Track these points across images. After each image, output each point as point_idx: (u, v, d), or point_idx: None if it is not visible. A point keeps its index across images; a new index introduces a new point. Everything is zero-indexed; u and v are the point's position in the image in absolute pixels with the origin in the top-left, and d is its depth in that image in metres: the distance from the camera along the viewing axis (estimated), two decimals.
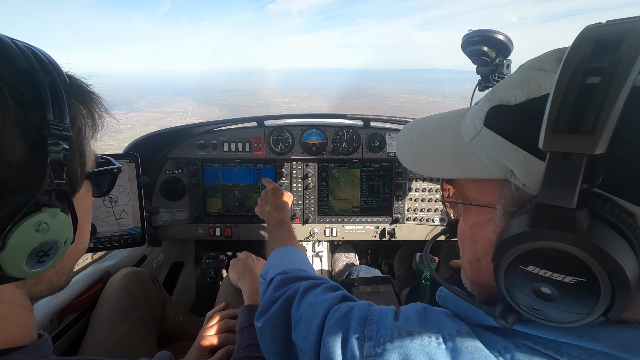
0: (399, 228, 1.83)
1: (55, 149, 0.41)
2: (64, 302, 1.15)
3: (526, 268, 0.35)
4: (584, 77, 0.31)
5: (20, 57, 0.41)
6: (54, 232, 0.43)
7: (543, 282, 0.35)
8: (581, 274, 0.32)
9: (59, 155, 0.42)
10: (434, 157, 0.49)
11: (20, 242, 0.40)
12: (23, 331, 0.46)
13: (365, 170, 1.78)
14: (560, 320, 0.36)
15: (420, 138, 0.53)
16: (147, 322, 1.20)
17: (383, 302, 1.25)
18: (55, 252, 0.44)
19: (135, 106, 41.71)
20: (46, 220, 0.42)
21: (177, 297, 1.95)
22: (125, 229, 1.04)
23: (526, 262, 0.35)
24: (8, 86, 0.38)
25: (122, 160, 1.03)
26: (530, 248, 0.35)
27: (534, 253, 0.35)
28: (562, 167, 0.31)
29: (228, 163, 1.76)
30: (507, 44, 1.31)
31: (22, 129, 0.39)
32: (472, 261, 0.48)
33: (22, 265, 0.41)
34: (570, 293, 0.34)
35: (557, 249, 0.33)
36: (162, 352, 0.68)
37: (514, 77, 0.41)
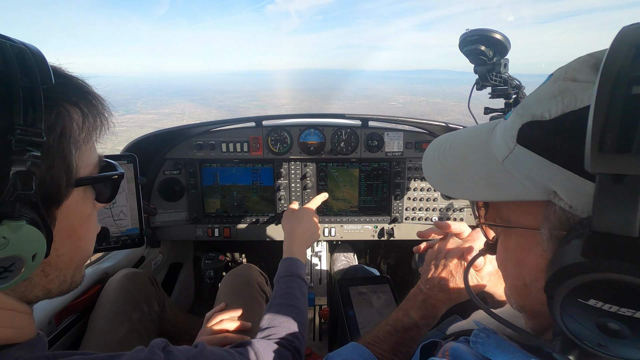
0: (397, 228, 1.83)
1: (22, 156, 0.38)
2: (62, 304, 1.15)
3: (587, 302, 0.32)
4: (627, 88, 0.28)
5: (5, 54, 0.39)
6: (15, 246, 0.39)
7: (609, 317, 0.31)
8: None
9: (25, 162, 0.38)
10: (467, 179, 0.46)
11: None
12: (16, 332, 0.46)
13: (364, 170, 1.78)
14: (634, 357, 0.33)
15: (448, 158, 0.50)
16: (146, 324, 1.20)
17: (381, 301, 1.25)
18: (19, 268, 0.41)
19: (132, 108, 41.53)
20: (4, 234, 0.38)
21: (176, 298, 1.95)
22: (124, 230, 1.04)
23: (586, 295, 0.32)
24: None
25: (120, 161, 1.02)
26: (587, 280, 0.31)
27: (594, 285, 0.31)
28: (617, 190, 0.28)
29: (226, 163, 1.76)
30: (504, 43, 1.31)
31: None
32: (519, 287, 0.45)
33: None
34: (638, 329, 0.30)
35: (620, 281, 0.29)
36: (156, 339, 0.67)
37: (545, 89, 0.38)
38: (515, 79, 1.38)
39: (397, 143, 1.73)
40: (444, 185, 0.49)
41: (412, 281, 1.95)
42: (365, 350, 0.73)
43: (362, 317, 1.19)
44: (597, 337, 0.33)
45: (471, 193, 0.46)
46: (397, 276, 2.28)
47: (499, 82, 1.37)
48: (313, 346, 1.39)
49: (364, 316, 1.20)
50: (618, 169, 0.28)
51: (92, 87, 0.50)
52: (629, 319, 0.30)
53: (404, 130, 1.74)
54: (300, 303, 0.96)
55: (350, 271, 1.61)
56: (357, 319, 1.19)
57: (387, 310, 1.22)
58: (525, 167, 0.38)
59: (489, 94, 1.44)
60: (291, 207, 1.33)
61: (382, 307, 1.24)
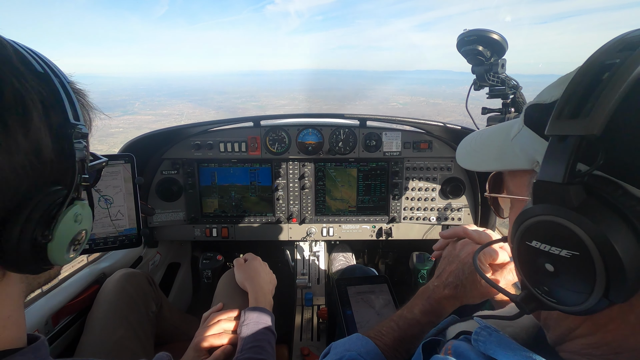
0: (395, 227, 1.83)
1: (79, 147, 0.45)
2: (59, 304, 1.14)
3: (531, 244, 0.38)
4: (599, 73, 0.33)
5: (34, 61, 0.42)
6: (85, 222, 0.47)
7: (544, 257, 0.37)
8: (574, 248, 0.34)
9: (82, 152, 0.45)
10: (482, 154, 0.54)
11: (64, 233, 0.43)
12: (20, 331, 0.46)
13: (362, 170, 1.78)
14: (568, 302, 0.36)
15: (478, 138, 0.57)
16: (144, 324, 1.20)
17: (378, 301, 1.25)
18: (84, 240, 0.49)
19: (129, 108, 41.39)
20: (80, 211, 0.46)
21: (174, 298, 1.94)
22: (121, 230, 1.04)
23: (530, 237, 0.38)
24: (34, 90, 0.40)
25: (117, 161, 1.02)
26: (530, 223, 0.37)
27: (535, 228, 0.37)
28: (559, 147, 0.34)
29: (224, 163, 1.75)
30: (502, 43, 1.32)
31: (50, 130, 0.41)
32: None
33: (64, 254, 0.44)
34: (568, 268, 0.35)
35: (551, 222, 0.35)
36: (161, 353, 0.67)
37: (557, 80, 0.42)
38: (513, 79, 1.39)
39: (395, 143, 1.73)
40: (464, 158, 0.57)
41: (410, 281, 1.95)
42: (368, 341, 0.75)
43: (360, 317, 1.19)
44: (542, 280, 0.38)
45: (481, 164, 0.53)
46: (395, 276, 2.28)
47: (496, 82, 1.38)
48: (311, 346, 1.39)
49: (362, 316, 1.20)
50: (563, 131, 0.34)
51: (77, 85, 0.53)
52: (557, 257, 0.35)
53: (402, 130, 1.74)
54: (268, 356, 0.94)
55: (349, 271, 1.61)
56: (355, 319, 1.19)
57: (385, 310, 1.22)
58: (523, 142, 0.44)
59: (487, 94, 1.44)
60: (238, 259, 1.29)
61: (380, 307, 1.24)
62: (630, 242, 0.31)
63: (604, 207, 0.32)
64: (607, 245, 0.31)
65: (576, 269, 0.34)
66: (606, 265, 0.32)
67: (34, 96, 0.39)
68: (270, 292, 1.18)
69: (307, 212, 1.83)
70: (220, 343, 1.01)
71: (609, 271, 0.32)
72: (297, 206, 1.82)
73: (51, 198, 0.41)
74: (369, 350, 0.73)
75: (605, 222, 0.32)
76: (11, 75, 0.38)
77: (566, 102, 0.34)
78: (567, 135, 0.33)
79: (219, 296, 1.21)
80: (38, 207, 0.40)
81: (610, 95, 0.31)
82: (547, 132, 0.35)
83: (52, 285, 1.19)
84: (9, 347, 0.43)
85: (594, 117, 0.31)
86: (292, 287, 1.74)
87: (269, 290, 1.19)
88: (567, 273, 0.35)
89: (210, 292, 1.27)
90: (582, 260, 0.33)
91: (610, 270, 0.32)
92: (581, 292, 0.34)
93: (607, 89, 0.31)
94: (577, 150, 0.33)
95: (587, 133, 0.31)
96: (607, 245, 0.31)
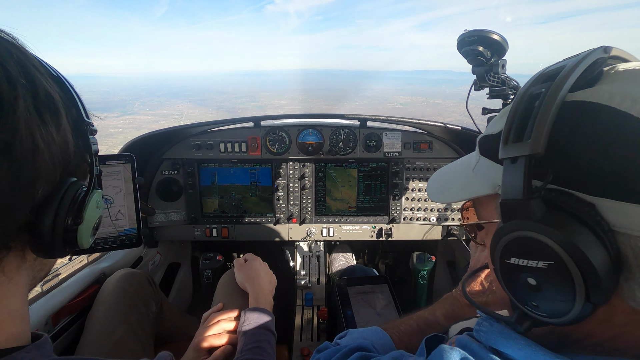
0: (396, 228, 1.83)
1: (94, 141, 0.50)
2: (59, 304, 1.14)
3: (510, 261, 0.40)
4: (531, 101, 0.39)
5: (48, 67, 0.46)
6: (101, 208, 0.52)
7: (525, 272, 0.39)
8: (547, 257, 0.36)
9: (96, 146, 0.50)
10: (450, 188, 0.58)
11: (90, 217, 0.48)
12: (25, 327, 0.46)
13: (362, 170, 1.78)
14: (557, 313, 0.38)
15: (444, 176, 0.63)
16: (144, 324, 1.20)
17: (379, 301, 1.25)
18: (100, 225, 0.53)
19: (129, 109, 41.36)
20: (99, 199, 0.50)
21: (174, 298, 1.94)
22: (121, 230, 1.04)
23: (508, 254, 0.40)
24: (56, 91, 0.44)
25: (117, 161, 1.02)
26: (505, 241, 0.40)
27: (510, 245, 0.40)
28: (512, 168, 0.38)
29: (224, 163, 1.75)
30: (502, 44, 1.32)
31: (70, 126, 0.45)
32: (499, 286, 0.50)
33: (89, 237, 0.49)
34: (548, 279, 0.37)
35: (522, 237, 0.38)
36: (163, 352, 0.68)
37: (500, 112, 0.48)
38: (513, 79, 1.39)
39: (396, 143, 1.73)
40: (435, 194, 0.62)
41: (410, 281, 1.95)
42: (386, 335, 0.79)
43: (361, 317, 1.19)
44: (529, 297, 0.40)
45: (451, 197, 0.56)
46: (395, 276, 2.28)
47: (496, 82, 1.38)
48: (311, 346, 1.39)
49: (362, 316, 1.20)
50: (513, 153, 0.38)
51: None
52: (536, 270, 0.38)
53: (402, 131, 1.74)
54: (268, 356, 0.94)
55: (349, 271, 1.61)
56: (356, 319, 1.19)
57: (385, 310, 1.22)
58: (483, 170, 0.49)
59: (487, 94, 1.44)
60: (238, 259, 1.29)
61: (380, 307, 1.24)
62: (593, 241, 0.34)
63: (563, 215, 0.35)
64: (574, 248, 0.34)
65: (555, 278, 0.36)
66: (579, 268, 0.34)
67: (57, 96, 0.43)
68: (270, 293, 1.18)
69: (307, 213, 1.83)
70: (220, 343, 1.00)
71: (583, 272, 0.34)
72: (297, 206, 1.82)
73: (76, 187, 0.46)
74: (385, 344, 0.78)
75: (567, 228, 0.34)
76: (41, 77, 0.42)
77: (509, 129, 0.39)
78: (517, 156, 0.37)
79: (219, 296, 1.21)
80: (68, 194, 0.44)
81: (544, 118, 0.36)
82: (500, 157, 0.40)
83: (52, 285, 1.19)
84: (15, 343, 0.43)
85: (535, 137, 0.36)
86: (292, 288, 1.74)
87: (269, 290, 1.18)
88: (549, 283, 0.37)
89: (210, 292, 1.27)
90: (557, 268, 0.36)
91: (584, 272, 0.34)
92: (566, 300, 0.36)
93: (541, 113, 0.36)
94: (529, 168, 0.37)
95: (533, 152, 0.36)
96: (575, 249, 0.34)
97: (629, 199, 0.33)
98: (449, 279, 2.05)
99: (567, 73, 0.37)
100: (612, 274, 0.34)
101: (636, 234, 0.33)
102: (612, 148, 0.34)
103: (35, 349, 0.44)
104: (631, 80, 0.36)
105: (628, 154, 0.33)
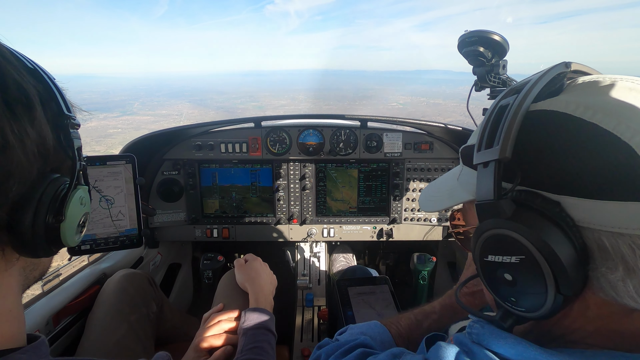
0: (396, 228, 1.83)
1: (76, 136, 0.47)
2: (60, 304, 1.14)
3: (488, 259, 0.43)
4: (500, 113, 0.42)
5: (24, 58, 0.44)
6: (88, 205, 0.51)
7: (501, 268, 0.42)
8: (519, 252, 0.39)
9: (79, 141, 0.48)
10: (438, 197, 0.61)
11: (74, 214, 0.46)
12: (20, 327, 0.46)
13: (363, 171, 1.78)
14: (532, 306, 0.40)
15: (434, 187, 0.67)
16: (144, 324, 1.20)
17: (379, 302, 1.25)
18: (86, 223, 0.51)
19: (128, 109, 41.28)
20: (83, 195, 0.49)
21: (175, 299, 1.94)
22: (122, 231, 1.04)
23: (486, 253, 0.43)
24: (31, 83, 0.42)
25: (118, 162, 1.02)
26: (482, 240, 0.43)
27: (486, 243, 0.43)
28: (484, 172, 0.42)
29: (225, 164, 1.75)
30: (503, 44, 1.32)
31: (48, 120, 0.43)
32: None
33: (74, 234, 0.47)
34: (522, 273, 0.40)
35: (495, 234, 0.41)
36: (160, 352, 0.67)
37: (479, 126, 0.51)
38: (514, 80, 1.39)
39: (396, 144, 1.73)
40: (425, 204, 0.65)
41: (411, 282, 1.95)
42: (385, 331, 0.81)
43: (361, 318, 1.19)
44: (507, 292, 0.43)
45: (438, 205, 0.60)
46: (395, 277, 2.28)
47: (497, 83, 1.38)
48: (312, 347, 1.39)
49: (362, 316, 1.20)
50: (484, 159, 0.41)
51: None
52: (510, 265, 0.40)
53: (403, 131, 1.74)
54: (268, 357, 0.94)
55: (349, 272, 1.61)
56: (356, 320, 1.19)
57: (386, 311, 1.22)
58: (465, 179, 0.53)
59: (488, 95, 1.44)
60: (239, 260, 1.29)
61: (381, 308, 1.24)
62: (559, 236, 0.37)
63: (531, 213, 0.38)
64: (541, 242, 0.37)
65: (527, 272, 0.39)
66: (547, 261, 0.37)
67: (32, 89, 0.41)
68: (270, 293, 1.18)
69: (307, 213, 1.83)
70: (220, 343, 1.00)
71: (551, 265, 0.37)
72: (298, 207, 1.82)
73: (57, 183, 0.44)
74: (384, 340, 0.80)
75: (535, 224, 0.37)
76: (11, 69, 0.40)
77: (482, 137, 0.43)
78: (488, 161, 0.41)
79: (220, 297, 1.21)
80: (48, 191, 0.42)
81: (510, 126, 0.39)
82: (474, 162, 0.43)
83: (53, 285, 1.19)
84: (10, 344, 0.43)
85: (503, 144, 0.39)
86: (292, 288, 1.74)
87: (270, 291, 1.18)
88: (522, 277, 0.40)
89: (211, 293, 1.27)
90: (528, 262, 0.38)
91: (552, 264, 0.37)
92: (539, 293, 0.39)
93: (508, 121, 0.39)
94: (498, 171, 0.40)
95: (501, 157, 0.39)
96: (542, 243, 0.37)
97: (590, 196, 0.35)
98: (449, 279, 2.05)
99: (531, 86, 0.41)
100: (579, 266, 0.37)
101: (599, 227, 0.35)
102: (571, 150, 0.37)
103: (32, 350, 0.43)
104: (586, 90, 0.41)
105: (584, 154, 0.36)
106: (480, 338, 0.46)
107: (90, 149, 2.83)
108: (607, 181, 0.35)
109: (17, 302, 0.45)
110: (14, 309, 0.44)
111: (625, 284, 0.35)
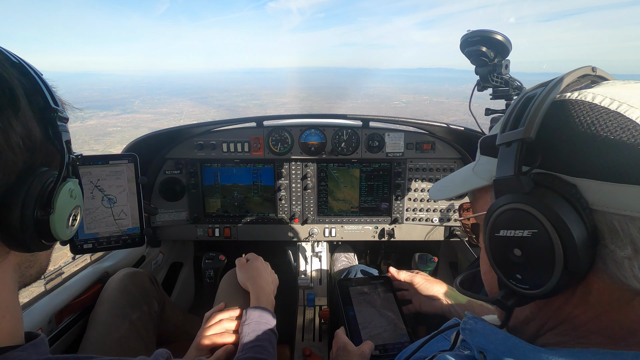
0: (398, 228, 1.83)
1: (65, 129, 0.47)
2: (62, 303, 1.15)
3: (499, 234, 0.45)
4: (528, 101, 0.44)
5: (8, 53, 0.44)
6: (79, 198, 0.50)
7: (512, 243, 0.43)
8: (532, 226, 0.40)
9: (67, 135, 0.48)
10: (450, 186, 0.63)
11: (63, 206, 0.46)
12: (17, 324, 0.46)
13: (364, 171, 1.78)
14: (538, 283, 0.41)
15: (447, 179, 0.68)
16: (146, 323, 1.20)
17: (381, 302, 1.25)
18: (78, 216, 0.51)
19: (128, 107, 41.22)
20: (73, 187, 0.48)
21: (176, 298, 1.95)
22: (124, 230, 1.04)
23: (498, 228, 0.45)
24: (15, 77, 0.42)
25: (121, 161, 1.02)
26: (496, 215, 0.45)
27: (500, 218, 0.44)
28: (506, 151, 0.44)
29: (227, 163, 1.76)
30: (505, 44, 1.31)
31: (35, 114, 0.44)
32: (486, 272, 0.54)
33: (64, 227, 0.47)
34: (532, 247, 0.41)
35: (511, 208, 0.42)
36: (160, 349, 0.67)
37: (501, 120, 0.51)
38: (517, 80, 1.38)
39: (398, 144, 1.73)
40: (436, 194, 0.67)
41: None
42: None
43: (363, 318, 1.19)
44: (513, 269, 0.44)
45: (450, 192, 0.61)
46: None
47: (500, 83, 1.37)
48: (313, 347, 1.39)
49: (364, 316, 1.20)
50: (508, 138, 0.43)
51: None
52: (521, 240, 0.42)
53: (405, 131, 1.74)
54: (269, 356, 0.94)
55: (351, 271, 1.61)
56: (358, 319, 1.18)
57: (387, 311, 1.22)
58: (482, 167, 0.54)
59: (490, 95, 1.44)
60: (240, 259, 1.30)
61: (382, 308, 1.23)
62: (573, 215, 0.38)
63: (548, 191, 0.40)
64: (556, 217, 0.38)
65: (538, 246, 0.40)
66: (560, 235, 0.38)
67: (17, 82, 0.42)
68: (272, 292, 1.18)
69: (309, 213, 1.83)
70: (222, 342, 1.01)
71: (563, 240, 0.38)
72: (300, 206, 1.82)
73: (46, 176, 0.44)
74: None
75: (552, 201, 0.39)
76: None
77: (507, 119, 0.45)
78: (511, 141, 0.43)
79: (221, 296, 1.22)
80: (35, 185, 0.42)
81: (537, 110, 0.41)
82: (497, 143, 0.45)
83: (55, 284, 1.20)
84: (7, 342, 0.43)
85: (528, 125, 0.41)
86: (294, 288, 1.74)
87: (271, 290, 1.19)
88: (532, 251, 0.41)
89: (213, 292, 1.28)
90: (540, 236, 0.40)
91: (564, 240, 0.38)
92: (546, 270, 0.40)
93: (535, 106, 0.42)
94: (521, 150, 0.42)
95: (525, 136, 0.41)
96: (557, 218, 0.38)
97: (606, 179, 0.37)
98: (451, 279, 2.05)
99: (559, 80, 0.44)
100: (588, 247, 0.38)
101: (612, 210, 0.37)
102: (593, 135, 0.39)
103: (31, 347, 0.44)
104: (613, 87, 0.43)
105: (605, 140, 0.38)
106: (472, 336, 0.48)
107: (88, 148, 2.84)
108: (624, 166, 0.36)
109: (12, 299, 0.45)
110: (10, 306, 0.44)
111: (631, 264, 0.37)
